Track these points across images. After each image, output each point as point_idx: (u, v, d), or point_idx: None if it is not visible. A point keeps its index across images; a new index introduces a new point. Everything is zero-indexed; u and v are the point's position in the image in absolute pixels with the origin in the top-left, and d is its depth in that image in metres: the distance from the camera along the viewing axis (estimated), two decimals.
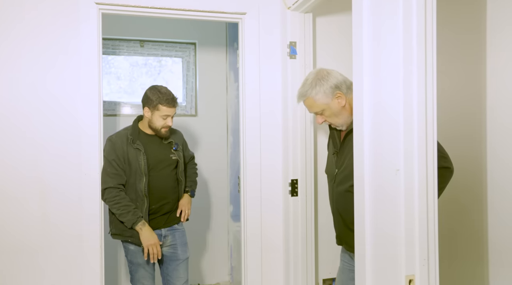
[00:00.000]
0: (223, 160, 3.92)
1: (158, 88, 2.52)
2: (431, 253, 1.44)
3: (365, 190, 1.48)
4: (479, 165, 2.03)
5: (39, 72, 2.23)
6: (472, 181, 2.07)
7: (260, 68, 2.53)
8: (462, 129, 2.15)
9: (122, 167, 2.45)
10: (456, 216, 2.17)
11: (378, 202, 1.46)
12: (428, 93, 1.42)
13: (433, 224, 1.44)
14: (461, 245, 2.16)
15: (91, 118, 2.28)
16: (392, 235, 1.44)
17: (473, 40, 2.07)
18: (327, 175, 2.11)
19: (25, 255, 2.22)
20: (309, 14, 2.49)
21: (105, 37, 3.36)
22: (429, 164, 1.42)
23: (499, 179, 1.93)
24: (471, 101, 2.08)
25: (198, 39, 3.85)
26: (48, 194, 2.24)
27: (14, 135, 2.20)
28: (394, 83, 1.43)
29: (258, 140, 2.54)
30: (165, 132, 2.55)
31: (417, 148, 1.42)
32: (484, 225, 2.01)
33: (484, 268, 2.02)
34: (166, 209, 2.59)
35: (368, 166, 1.48)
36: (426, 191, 1.43)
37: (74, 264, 2.28)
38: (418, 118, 1.41)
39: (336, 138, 2.01)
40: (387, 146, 1.45)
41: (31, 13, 2.21)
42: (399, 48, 1.41)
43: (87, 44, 2.27)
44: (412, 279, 1.43)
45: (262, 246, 2.56)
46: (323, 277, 2.64)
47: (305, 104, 1.97)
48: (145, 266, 2.53)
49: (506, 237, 1.90)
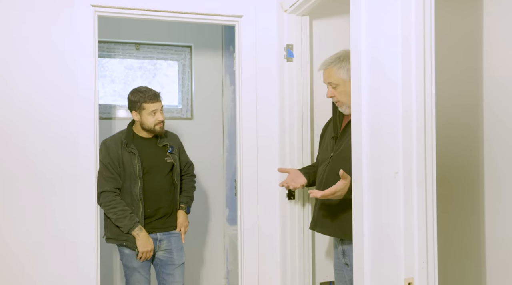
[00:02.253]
0: (219, 163, 3.91)
1: (138, 89, 2.55)
2: (430, 256, 1.44)
3: (364, 193, 1.47)
4: (476, 161, 2.03)
5: (34, 75, 2.21)
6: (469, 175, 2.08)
7: (257, 71, 2.53)
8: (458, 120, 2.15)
9: (117, 171, 2.43)
10: (452, 212, 2.17)
11: (376, 204, 1.46)
12: (426, 94, 1.42)
13: (432, 227, 1.44)
14: (458, 246, 2.16)
15: (87, 121, 2.27)
16: (391, 238, 1.44)
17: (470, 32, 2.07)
18: (319, 160, 2.11)
19: (21, 260, 2.19)
20: (306, 17, 2.50)
21: (100, 40, 3.34)
22: (428, 166, 1.42)
23: (497, 174, 1.93)
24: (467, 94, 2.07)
25: (194, 42, 3.84)
26: (43, 198, 2.22)
27: (9, 142, 2.17)
28: (393, 82, 1.43)
29: (255, 143, 2.53)
30: (160, 128, 2.54)
31: (415, 151, 1.42)
32: (481, 224, 2.02)
33: (481, 268, 2.02)
34: (162, 213, 2.57)
35: (366, 169, 1.47)
36: (425, 194, 1.43)
37: (69, 269, 2.25)
38: (417, 120, 1.41)
39: (338, 123, 2.03)
40: (386, 149, 1.44)
41: (26, 15, 2.19)
42: (397, 48, 1.41)
43: (83, 47, 2.26)
44: (411, 282, 1.42)
45: (259, 249, 2.54)
46: (320, 281, 2.63)
47: (324, 73, 2.00)
48: (140, 270, 2.51)
49: (504, 235, 1.90)
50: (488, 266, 1.99)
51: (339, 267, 2.06)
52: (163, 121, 2.54)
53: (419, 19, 1.40)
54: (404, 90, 1.41)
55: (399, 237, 1.42)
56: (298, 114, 2.48)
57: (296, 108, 2.49)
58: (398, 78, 1.41)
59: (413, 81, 1.41)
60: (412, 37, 1.40)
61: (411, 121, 1.41)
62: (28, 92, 2.20)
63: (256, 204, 2.53)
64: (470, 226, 2.08)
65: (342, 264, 2.03)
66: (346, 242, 1.97)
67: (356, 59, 1.51)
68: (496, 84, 1.93)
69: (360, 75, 1.48)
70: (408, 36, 1.40)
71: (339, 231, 1.96)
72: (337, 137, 2.02)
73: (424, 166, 1.41)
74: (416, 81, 1.40)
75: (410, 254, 1.42)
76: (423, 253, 1.42)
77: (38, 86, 2.21)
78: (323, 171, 2.02)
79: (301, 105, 2.49)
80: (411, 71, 1.40)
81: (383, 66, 1.44)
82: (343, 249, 2.00)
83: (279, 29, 2.50)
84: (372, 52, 1.47)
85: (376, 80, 1.46)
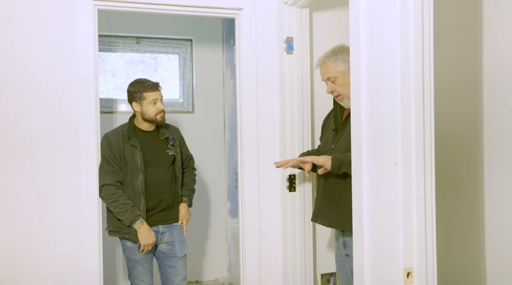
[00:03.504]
0: (220, 156, 3.92)
1: (137, 80, 2.57)
2: (429, 246, 1.45)
3: (363, 183, 1.48)
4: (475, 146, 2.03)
5: (34, 68, 2.21)
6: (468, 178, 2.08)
7: (257, 64, 2.53)
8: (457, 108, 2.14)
9: (118, 164, 2.45)
10: (451, 201, 2.17)
11: (375, 195, 1.47)
12: (425, 89, 1.42)
13: (430, 217, 1.45)
14: (457, 235, 2.17)
15: (88, 115, 2.28)
16: (391, 228, 1.45)
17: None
18: (320, 153, 2.13)
19: (22, 251, 2.21)
20: (306, 9, 2.49)
21: (100, 34, 3.35)
22: (427, 157, 1.43)
23: (497, 165, 1.93)
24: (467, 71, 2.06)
25: (195, 36, 3.84)
26: (44, 193, 2.23)
27: (10, 133, 2.19)
28: (391, 73, 1.43)
29: (256, 135, 2.54)
30: (161, 117, 2.55)
31: (414, 142, 1.43)
32: (480, 214, 2.02)
33: (481, 257, 2.03)
34: (164, 206, 2.58)
35: (366, 160, 1.48)
36: (424, 185, 1.43)
37: (72, 262, 2.27)
38: (416, 111, 1.41)
39: (339, 115, 2.04)
40: (385, 140, 1.45)
41: (25, 9, 2.20)
42: (396, 40, 1.42)
43: (83, 41, 2.26)
44: (410, 272, 1.44)
45: (260, 242, 2.56)
46: (321, 272, 2.65)
47: (322, 69, 2.01)
48: (143, 263, 2.53)
49: (503, 223, 1.91)
50: (488, 255, 2.00)
51: (340, 258, 2.08)
52: (164, 110, 2.55)
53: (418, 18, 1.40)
54: (402, 81, 1.41)
55: (398, 227, 1.43)
56: (298, 107, 2.48)
57: (297, 100, 2.49)
58: (396, 67, 1.41)
59: (412, 72, 1.41)
60: (410, 27, 1.41)
61: (409, 113, 1.42)
62: (28, 90, 2.21)
63: (257, 196, 2.55)
64: (469, 215, 2.09)
65: (343, 255, 2.05)
66: (347, 234, 1.98)
67: (355, 50, 1.50)
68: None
69: (359, 68, 1.47)
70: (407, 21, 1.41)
71: (339, 223, 1.98)
72: (337, 130, 2.03)
73: (423, 156, 1.42)
74: (415, 73, 1.41)
75: (409, 244, 1.43)
76: (422, 242, 1.43)
77: (38, 82, 2.22)
78: None
79: (301, 98, 2.50)
80: (410, 58, 1.40)
81: (381, 55, 1.45)
82: (344, 241, 2.02)
83: (279, 21, 2.50)
84: (370, 42, 1.47)
85: (373, 71, 1.46)
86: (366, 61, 1.46)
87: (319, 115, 2.52)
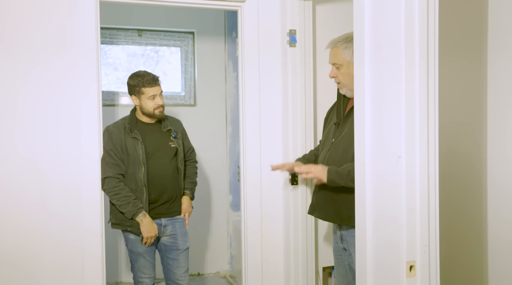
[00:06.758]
0: (222, 149, 3.92)
1: (137, 73, 2.55)
2: (432, 239, 1.45)
3: (366, 177, 1.48)
4: (479, 162, 2.02)
5: (37, 62, 2.20)
6: (472, 178, 2.08)
7: (260, 57, 2.52)
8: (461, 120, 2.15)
9: (120, 157, 2.44)
10: (455, 212, 2.17)
11: (379, 189, 1.47)
12: (430, 83, 1.42)
13: (434, 211, 1.45)
14: (460, 229, 2.17)
15: (91, 108, 2.27)
16: (394, 222, 1.45)
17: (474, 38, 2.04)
18: (321, 146, 2.12)
19: (26, 243, 2.22)
20: (309, 1, 2.48)
21: (102, 26, 3.33)
22: (431, 151, 1.42)
23: (499, 177, 1.93)
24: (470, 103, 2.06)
25: (197, 28, 3.82)
26: (47, 184, 2.23)
27: (12, 126, 2.19)
28: (395, 70, 1.42)
29: (258, 128, 2.53)
30: (160, 112, 2.54)
31: (418, 135, 1.42)
32: (483, 208, 2.02)
33: (483, 251, 2.03)
34: (166, 198, 2.58)
35: (369, 153, 1.47)
36: (427, 178, 1.43)
37: (75, 254, 2.28)
38: (420, 104, 1.41)
39: (341, 109, 2.02)
40: (389, 133, 1.44)
41: (26, 2, 2.18)
42: (400, 32, 1.41)
43: (85, 33, 2.25)
44: (413, 265, 1.44)
45: (262, 234, 2.56)
46: (323, 265, 2.66)
47: (331, 53, 1.98)
48: (145, 255, 2.54)
49: (505, 228, 1.91)
50: (490, 249, 2.00)
51: (338, 252, 2.08)
52: (163, 105, 2.54)
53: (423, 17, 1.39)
54: (406, 81, 1.40)
55: (401, 220, 1.43)
56: (301, 100, 2.47)
57: (299, 93, 2.48)
58: (401, 64, 1.41)
59: (417, 68, 1.41)
60: (416, 23, 1.40)
61: (414, 109, 1.41)
62: (30, 81, 2.20)
63: (259, 190, 2.55)
64: (473, 210, 2.09)
65: (340, 249, 2.04)
66: (344, 228, 1.98)
67: (360, 45, 1.49)
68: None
69: (363, 63, 1.47)
70: (412, 16, 1.39)
71: (336, 217, 1.97)
72: (339, 123, 2.02)
73: (427, 150, 1.42)
74: (419, 66, 1.40)
75: (412, 237, 1.43)
76: (425, 236, 1.43)
77: (40, 75, 2.21)
78: (324, 157, 2.02)
79: (304, 91, 2.49)
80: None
81: (385, 51, 1.44)
82: (341, 234, 2.01)
83: (282, 14, 2.48)
84: (375, 37, 1.46)
85: (378, 67, 1.45)
86: (370, 54, 1.45)
87: (322, 108, 2.51)
